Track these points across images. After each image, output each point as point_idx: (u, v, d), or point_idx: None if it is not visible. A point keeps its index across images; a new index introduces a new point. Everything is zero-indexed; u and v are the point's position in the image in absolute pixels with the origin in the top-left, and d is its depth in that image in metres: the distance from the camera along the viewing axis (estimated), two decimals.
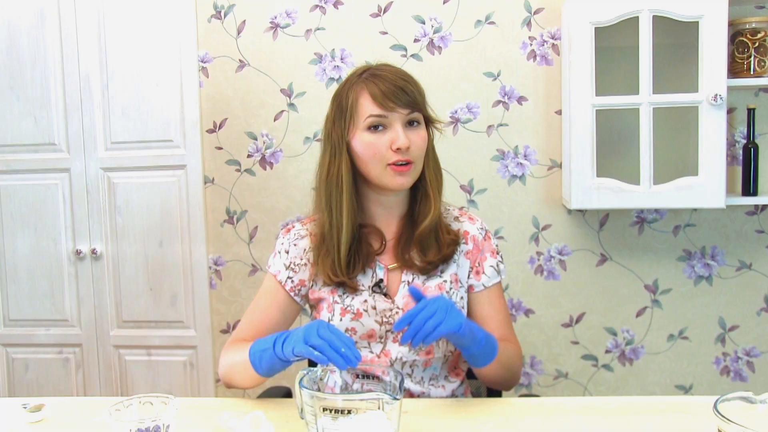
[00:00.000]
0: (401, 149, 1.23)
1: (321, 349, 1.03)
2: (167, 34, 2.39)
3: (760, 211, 2.28)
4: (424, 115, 1.28)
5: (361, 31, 2.33)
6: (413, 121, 1.26)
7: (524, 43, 2.29)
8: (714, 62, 1.99)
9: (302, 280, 1.34)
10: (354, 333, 1.28)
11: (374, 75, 1.26)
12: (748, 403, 0.90)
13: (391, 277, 1.32)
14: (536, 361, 2.39)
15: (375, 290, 1.30)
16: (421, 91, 1.28)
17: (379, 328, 1.28)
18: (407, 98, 1.24)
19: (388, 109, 1.23)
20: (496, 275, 1.36)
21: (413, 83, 1.27)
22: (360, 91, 1.26)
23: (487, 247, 1.37)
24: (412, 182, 1.27)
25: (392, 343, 1.28)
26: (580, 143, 2.08)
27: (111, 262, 2.49)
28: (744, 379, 2.33)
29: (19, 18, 2.44)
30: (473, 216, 1.40)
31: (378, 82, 1.24)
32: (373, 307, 1.28)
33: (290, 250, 1.35)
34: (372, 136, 1.24)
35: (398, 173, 1.24)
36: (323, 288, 1.32)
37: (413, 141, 1.25)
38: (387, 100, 1.23)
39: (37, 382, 2.57)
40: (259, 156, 2.42)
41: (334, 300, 1.30)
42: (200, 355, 2.48)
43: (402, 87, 1.24)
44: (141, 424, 0.94)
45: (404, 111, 1.24)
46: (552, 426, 1.09)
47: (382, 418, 0.94)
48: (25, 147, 2.49)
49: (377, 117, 1.24)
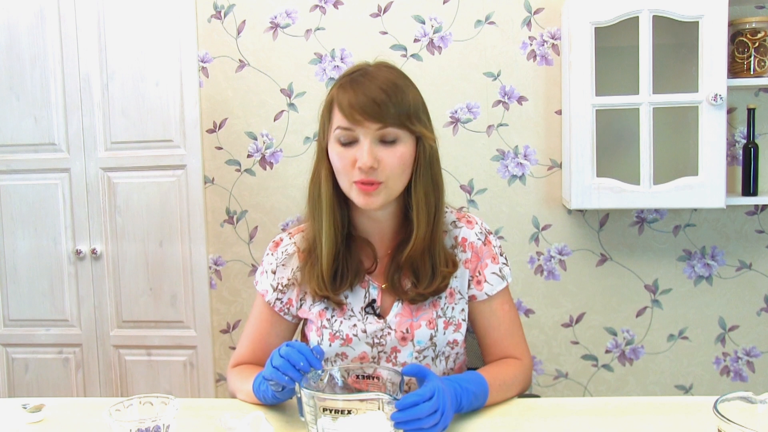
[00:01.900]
0: (362, 169, 1.11)
1: (283, 368, 1.02)
2: (167, 34, 2.38)
3: (760, 211, 2.28)
4: (409, 130, 1.14)
5: (361, 31, 2.33)
6: (389, 137, 1.13)
7: (524, 43, 2.29)
8: (714, 62, 1.99)
9: (290, 299, 1.28)
10: (345, 357, 1.23)
11: (353, 81, 1.14)
12: (748, 403, 0.90)
13: (385, 296, 1.24)
14: (536, 361, 2.39)
15: (368, 311, 1.23)
16: (405, 103, 1.13)
17: (370, 350, 1.22)
18: (377, 111, 1.10)
19: (356, 122, 1.11)
20: (500, 281, 1.27)
21: (396, 93, 1.13)
22: (335, 97, 1.16)
23: (487, 253, 1.26)
24: (381, 203, 1.15)
25: (385, 362, 1.23)
26: (580, 143, 2.08)
27: (111, 262, 2.49)
28: (744, 379, 2.33)
29: (19, 18, 2.44)
30: (472, 218, 1.29)
31: (351, 92, 1.13)
32: (363, 330, 1.22)
33: (277, 270, 1.28)
34: (341, 149, 1.14)
35: (363, 193, 1.13)
36: (312, 309, 1.25)
37: (383, 160, 1.12)
38: (354, 112, 1.11)
39: (37, 382, 2.57)
40: (259, 156, 2.42)
41: (323, 324, 1.23)
42: (200, 355, 2.48)
43: (375, 99, 1.11)
44: (141, 425, 0.94)
45: (373, 126, 1.11)
46: (552, 426, 1.09)
47: (382, 418, 0.94)
48: (25, 147, 2.49)
49: (344, 130, 1.13)
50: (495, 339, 1.27)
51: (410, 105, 1.15)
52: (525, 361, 1.27)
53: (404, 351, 1.23)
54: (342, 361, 1.24)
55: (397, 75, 1.18)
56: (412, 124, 1.15)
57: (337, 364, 1.24)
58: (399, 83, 1.15)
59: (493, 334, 1.27)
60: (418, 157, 1.17)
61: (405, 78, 1.19)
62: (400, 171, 1.15)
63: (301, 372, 1.02)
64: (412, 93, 1.17)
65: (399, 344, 1.22)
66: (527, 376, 1.27)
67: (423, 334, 1.22)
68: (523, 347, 1.29)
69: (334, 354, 1.24)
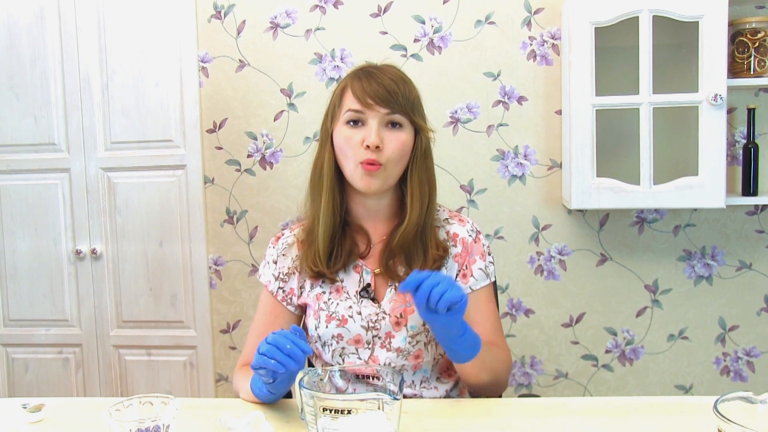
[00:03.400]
0: (370, 147, 1.21)
1: (270, 353, 1.04)
2: (167, 34, 2.38)
3: (760, 211, 2.28)
4: (411, 120, 1.25)
5: (361, 31, 2.33)
6: (395, 123, 1.24)
7: (524, 43, 2.29)
8: (714, 62, 1.99)
9: (292, 289, 1.34)
10: (341, 339, 1.28)
11: (366, 72, 1.26)
12: (748, 403, 0.90)
13: (379, 281, 1.30)
14: (536, 361, 2.39)
15: (363, 295, 1.29)
16: (410, 96, 1.25)
17: (365, 334, 1.27)
18: (388, 97, 1.22)
19: (367, 106, 1.22)
20: (485, 278, 1.32)
21: (404, 86, 1.25)
22: (347, 85, 1.27)
23: (477, 250, 1.32)
24: (381, 186, 1.24)
25: (380, 348, 1.27)
26: (580, 143, 2.08)
27: (111, 262, 2.49)
28: (744, 379, 2.33)
29: (19, 18, 2.44)
30: (464, 218, 1.37)
31: (365, 80, 1.24)
32: (359, 312, 1.27)
33: (278, 260, 1.35)
34: (349, 130, 1.24)
35: (366, 173, 1.22)
36: (310, 293, 1.32)
37: (388, 142, 1.23)
38: (366, 96, 1.22)
39: (37, 382, 2.57)
40: (259, 156, 2.42)
41: (320, 307, 1.29)
42: (200, 355, 2.48)
43: (386, 86, 1.22)
44: (141, 425, 0.94)
45: (383, 110, 1.22)
46: (552, 426, 1.09)
47: (382, 418, 0.94)
48: (25, 147, 2.49)
49: (355, 112, 1.23)
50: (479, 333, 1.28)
51: (415, 98, 1.27)
52: (507, 353, 1.31)
53: (398, 336, 1.27)
54: (337, 343, 1.28)
55: (403, 73, 1.30)
56: (415, 116, 1.26)
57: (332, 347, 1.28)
58: (406, 78, 1.28)
59: (477, 328, 1.29)
60: (416, 147, 1.27)
61: (408, 78, 1.30)
62: (399, 156, 1.24)
63: (290, 357, 1.03)
64: (415, 90, 1.29)
65: (393, 329, 1.27)
66: (509, 365, 1.30)
67: (416, 319, 1.27)
68: (504, 343, 1.33)
69: (330, 336, 1.28)
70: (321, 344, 1.31)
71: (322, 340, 1.30)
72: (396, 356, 1.27)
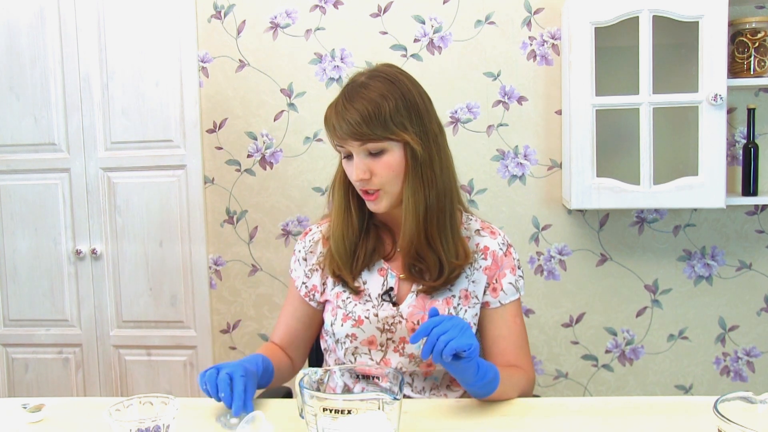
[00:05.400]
0: (356, 183, 1.22)
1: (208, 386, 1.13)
2: (167, 34, 2.39)
3: (760, 211, 2.28)
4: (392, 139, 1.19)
5: (361, 31, 2.33)
6: (374, 150, 1.19)
7: (524, 43, 2.29)
8: (714, 62, 1.99)
9: (315, 286, 1.35)
10: (354, 339, 1.28)
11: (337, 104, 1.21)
12: (748, 403, 0.90)
13: (402, 285, 1.30)
14: (536, 361, 2.39)
15: (384, 298, 1.29)
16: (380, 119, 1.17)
17: (380, 336, 1.27)
18: (356, 131, 1.17)
19: (343, 140, 1.20)
20: (514, 292, 1.31)
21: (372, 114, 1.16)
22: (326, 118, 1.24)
23: (507, 264, 1.31)
24: (386, 206, 1.24)
25: (393, 352, 1.27)
26: (580, 143, 2.08)
27: (111, 262, 2.49)
28: (744, 379, 2.33)
29: (19, 18, 2.44)
30: (495, 229, 1.34)
31: (334, 115, 1.20)
32: (375, 314, 1.27)
33: (308, 257, 1.36)
34: (345, 161, 1.25)
35: (367, 200, 1.24)
36: (332, 290, 1.32)
37: (375, 170, 1.20)
38: (336, 135, 1.21)
39: (37, 382, 2.57)
40: (259, 156, 2.42)
41: (338, 305, 1.30)
42: (200, 355, 2.48)
43: (351, 122, 1.17)
44: (141, 425, 0.94)
45: (355, 143, 1.19)
46: (552, 426, 1.09)
47: (382, 418, 0.94)
48: (25, 147, 2.49)
49: (338, 147, 1.24)
50: (503, 348, 1.29)
51: (389, 117, 1.18)
52: (530, 374, 1.29)
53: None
54: (351, 342, 1.28)
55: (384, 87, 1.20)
56: (393, 134, 1.18)
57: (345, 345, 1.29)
58: (377, 100, 1.18)
59: (502, 343, 1.29)
60: (407, 160, 1.21)
61: (393, 84, 1.21)
62: (392, 177, 1.21)
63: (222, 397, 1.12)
64: (396, 102, 1.19)
65: (408, 335, 1.26)
66: (531, 387, 1.28)
67: None
68: (528, 361, 1.31)
69: (344, 335, 1.29)
70: (334, 341, 1.31)
71: (335, 337, 1.30)
72: (408, 362, 1.27)
